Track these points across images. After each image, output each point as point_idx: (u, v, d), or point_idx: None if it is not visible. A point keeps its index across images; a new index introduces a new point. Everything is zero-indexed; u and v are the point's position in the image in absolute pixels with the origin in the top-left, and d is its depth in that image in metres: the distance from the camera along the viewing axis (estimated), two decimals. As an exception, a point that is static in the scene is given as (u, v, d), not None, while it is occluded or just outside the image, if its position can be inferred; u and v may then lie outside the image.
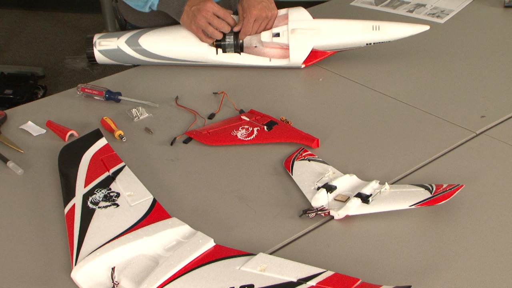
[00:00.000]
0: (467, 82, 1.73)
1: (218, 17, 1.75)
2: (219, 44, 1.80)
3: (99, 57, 1.84)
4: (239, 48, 1.81)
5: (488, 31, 2.05)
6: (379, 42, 1.78)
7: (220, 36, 1.77)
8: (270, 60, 1.82)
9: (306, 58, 1.79)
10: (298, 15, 1.80)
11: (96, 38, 1.83)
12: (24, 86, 3.52)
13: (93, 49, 1.83)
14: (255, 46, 1.83)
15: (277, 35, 1.79)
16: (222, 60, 1.82)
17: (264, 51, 1.84)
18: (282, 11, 1.82)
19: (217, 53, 1.81)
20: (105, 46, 1.82)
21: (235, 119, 1.57)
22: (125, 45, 1.81)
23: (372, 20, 1.79)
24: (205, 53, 1.80)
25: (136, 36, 1.82)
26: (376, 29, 1.76)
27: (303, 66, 1.80)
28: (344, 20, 1.80)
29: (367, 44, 1.79)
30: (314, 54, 1.79)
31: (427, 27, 1.79)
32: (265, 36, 1.80)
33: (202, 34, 1.77)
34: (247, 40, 1.82)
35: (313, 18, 1.80)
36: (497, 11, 2.17)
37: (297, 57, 1.78)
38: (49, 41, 4.32)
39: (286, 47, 1.80)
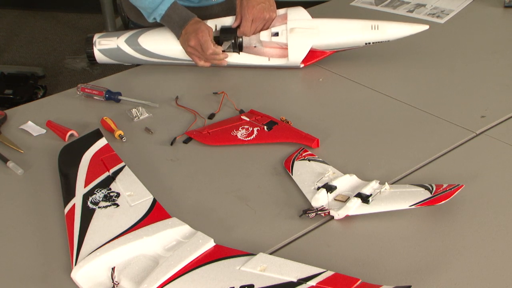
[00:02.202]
0: (467, 82, 1.73)
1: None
2: (218, 43, 1.80)
3: (99, 56, 1.84)
4: (237, 48, 1.81)
5: (488, 31, 2.05)
6: (378, 42, 1.78)
7: (208, 65, 1.77)
8: (269, 60, 1.82)
9: (305, 58, 1.79)
10: (297, 15, 1.80)
11: (96, 38, 1.83)
12: (24, 86, 3.51)
13: (93, 49, 1.83)
14: (255, 46, 1.83)
15: (276, 34, 1.79)
16: (220, 60, 1.82)
17: (263, 51, 1.83)
18: (281, 11, 1.82)
19: (215, 52, 1.81)
20: (105, 45, 1.82)
21: (235, 119, 1.57)
22: (125, 45, 1.81)
23: (371, 20, 1.78)
24: (204, 52, 1.81)
25: (136, 35, 1.82)
26: (375, 29, 1.76)
27: (301, 65, 1.80)
28: (343, 20, 1.80)
29: (366, 43, 1.79)
30: (313, 54, 1.79)
31: (426, 27, 1.79)
32: (264, 35, 1.80)
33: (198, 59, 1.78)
34: (246, 40, 1.82)
35: (312, 18, 1.80)
36: (497, 11, 2.17)
37: (296, 56, 1.78)
38: (49, 41, 4.32)
39: (285, 47, 1.80)
